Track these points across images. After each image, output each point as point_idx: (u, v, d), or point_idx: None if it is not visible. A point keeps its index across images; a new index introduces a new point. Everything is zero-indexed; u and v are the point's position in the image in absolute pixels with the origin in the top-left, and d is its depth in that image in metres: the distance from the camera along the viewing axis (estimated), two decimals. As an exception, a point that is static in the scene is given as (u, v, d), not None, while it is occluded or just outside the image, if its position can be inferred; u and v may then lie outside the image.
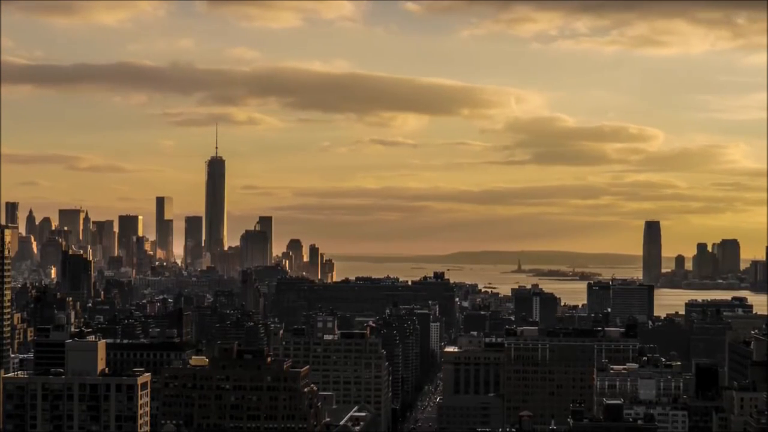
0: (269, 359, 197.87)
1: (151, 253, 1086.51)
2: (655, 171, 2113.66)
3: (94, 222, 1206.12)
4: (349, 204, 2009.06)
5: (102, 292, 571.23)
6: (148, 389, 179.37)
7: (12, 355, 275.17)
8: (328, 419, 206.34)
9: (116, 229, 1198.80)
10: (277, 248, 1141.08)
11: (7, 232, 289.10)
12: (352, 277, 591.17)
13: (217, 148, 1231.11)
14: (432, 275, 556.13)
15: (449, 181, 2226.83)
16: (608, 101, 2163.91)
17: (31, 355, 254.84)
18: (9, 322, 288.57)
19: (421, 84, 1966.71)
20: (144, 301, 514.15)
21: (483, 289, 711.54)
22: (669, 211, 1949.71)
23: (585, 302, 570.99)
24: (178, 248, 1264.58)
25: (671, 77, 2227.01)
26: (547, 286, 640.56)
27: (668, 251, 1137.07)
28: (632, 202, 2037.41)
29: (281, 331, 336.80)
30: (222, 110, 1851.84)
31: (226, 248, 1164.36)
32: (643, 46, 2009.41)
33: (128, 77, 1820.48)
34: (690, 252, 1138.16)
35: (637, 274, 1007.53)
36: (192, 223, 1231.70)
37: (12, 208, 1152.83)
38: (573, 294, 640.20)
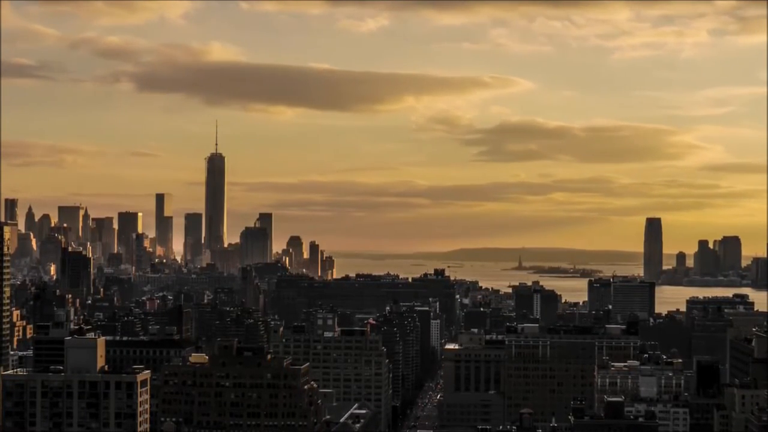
0: (269, 356, 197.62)
1: (151, 250, 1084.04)
2: (588, 168, 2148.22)
3: (93, 219, 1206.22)
4: (324, 200, 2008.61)
5: (101, 289, 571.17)
6: (148, 386, 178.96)
7: (11, 353, 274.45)
8: (328, 417, 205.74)
9: (116, 226, 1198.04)
10: (277, 245, 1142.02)
11: (6, 228, 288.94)
12: (353, 274, 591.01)
13: (216, 144, 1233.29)
14: (432, 272, 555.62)
15: (404, 176, 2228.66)
16: (497, 99, 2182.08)
17: (30, 352, 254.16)
18: (8, 319, 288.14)
19: (307, 75, 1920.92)
20: (143, 298, 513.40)
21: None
22: (628, 208, 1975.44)
23: (586, 299, 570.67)
24: (177, 245, 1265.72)
25: (542, 73, 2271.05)
26: (548, 283, 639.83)
27: (669, 248, 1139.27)
28: (586, 197, 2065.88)
29: (281, 329, 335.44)
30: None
31: (225, 245, 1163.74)
32: (518, 43, 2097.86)
33: (16, 74, 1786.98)
34: (691, 249, 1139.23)
35: (638, 271, 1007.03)
36: (192, 219, 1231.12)
37: (11, 204, 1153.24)
38: (574, 291, 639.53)
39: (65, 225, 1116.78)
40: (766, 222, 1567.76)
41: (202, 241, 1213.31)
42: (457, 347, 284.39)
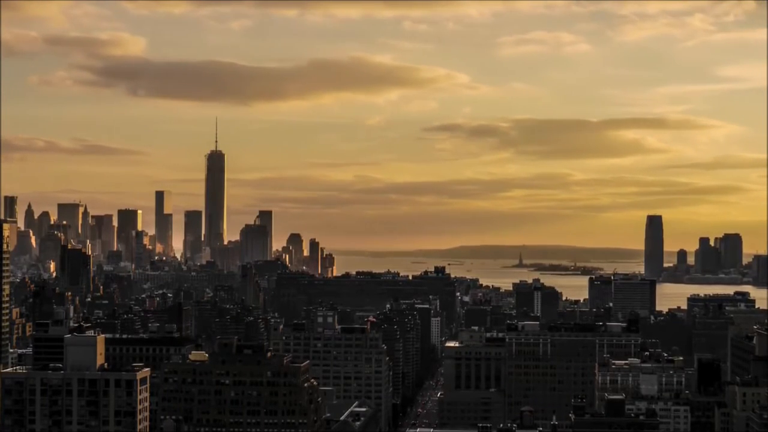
0: (269, 354, 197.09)
1: (151, 247, 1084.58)
2: (537, 164, 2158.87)
3: (92, 216, 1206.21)
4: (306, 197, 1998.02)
5: (101, 287, 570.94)
6: (148, 384, 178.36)
7: (11, 350, 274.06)
8: (328, 414, 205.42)
9: (115, 223, 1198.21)
10: (277, 243, 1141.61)
11: (5, 226, 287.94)
12: (353, 272, 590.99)
13: (216, 141, 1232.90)
14: (432, 270, 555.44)
15: (359, 172, 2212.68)
16: (409, 97, 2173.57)
17: (29, 350, 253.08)
18: (8, 317, 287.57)
19: (212, 70, 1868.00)
20: (143, 295, 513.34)
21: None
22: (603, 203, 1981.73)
23: (586, 297, 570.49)
24: (177, 242, 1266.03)
25: (442, 69, 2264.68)
26: (549, 280, 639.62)
27: (670, 245, 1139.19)
28: (548, 194, 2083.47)
29: (281, 326, 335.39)
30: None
31: (225, 242, 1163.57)
32: (403, 41, 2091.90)
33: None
34: (692, 246, 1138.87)
35: (639, 268, 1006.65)
36: (191, 217, 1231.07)
37: (11, 202, 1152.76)
38: (574, 289, 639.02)
39: (65, 222, 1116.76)
40: (766, 219, 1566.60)
41: (202, 239, 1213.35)
42: (457, 345, 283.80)
